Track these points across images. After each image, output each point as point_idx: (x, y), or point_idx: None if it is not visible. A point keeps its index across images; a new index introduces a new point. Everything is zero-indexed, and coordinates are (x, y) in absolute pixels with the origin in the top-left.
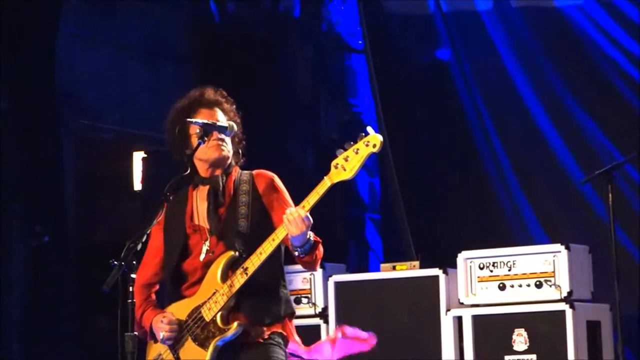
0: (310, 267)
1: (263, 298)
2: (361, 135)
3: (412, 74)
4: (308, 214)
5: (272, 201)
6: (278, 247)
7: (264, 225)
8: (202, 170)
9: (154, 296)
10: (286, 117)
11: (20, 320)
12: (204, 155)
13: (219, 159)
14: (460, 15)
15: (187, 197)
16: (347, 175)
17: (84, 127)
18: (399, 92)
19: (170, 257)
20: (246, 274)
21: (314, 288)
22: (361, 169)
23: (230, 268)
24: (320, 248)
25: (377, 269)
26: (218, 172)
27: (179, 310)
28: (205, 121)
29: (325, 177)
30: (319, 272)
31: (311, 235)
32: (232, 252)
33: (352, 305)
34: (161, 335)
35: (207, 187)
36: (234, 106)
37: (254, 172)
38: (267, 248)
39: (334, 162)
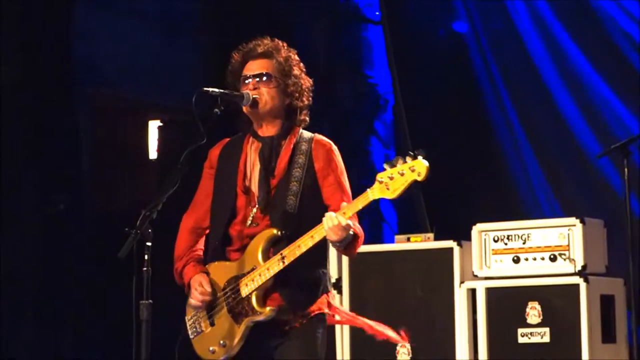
0: (346, 255)
1: (302, 282)
2: (410, 154)
3: (429, 46)
4: (349, 221)
5: (326, 177)
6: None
7: (313, 204)
8: (255, 124)
9: (200, 244)
10: None
11: (36, 287)
12: (245, 110)
13: (254, 114)
14: None
15: (242, 148)
16: (390, 195)
17: (100, 96)
18: (416, 64)
19: (220, 215)
20: (283, 262)
21: (328, 259)
22: (378, 143)
23: (273, 246)
24: (360, 240)
25: (392, 241)
26: (270, 128)
27: (220, 271)
28: (222, 90)
29: (368, 190)
30: None
31: (351, 229)
32: (274, 231)
33: (365, 277)
34: (191, 301)
35: (260, 145)
36: (293, 58)
37: (314, 139)
38: (306, 242)
39: (379, 176)
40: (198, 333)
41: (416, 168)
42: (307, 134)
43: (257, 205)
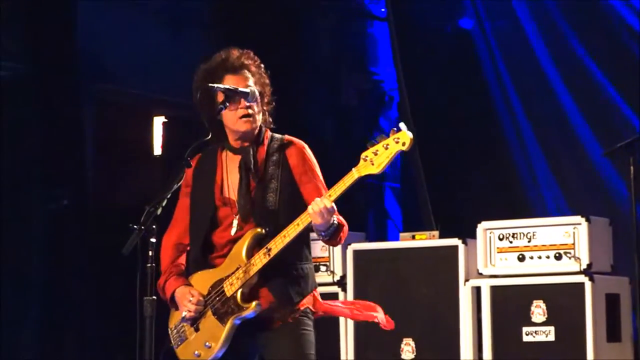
0: (332, 245)
1: (290, 276)
2: (393, 130)
3: (435, 42)
4: (333, 204)
5: (302, 174)
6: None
7: (293, 199)
8: (231, 139)
9: (181, 260)
10: (307, 84)
11: (40, 283)
12: (232, 125)
13: (248, 132)
14: None
15: (216, 162)
16: (375, 170)
17: (105, 91)
18: (421, 60)
19: (198, 227)
20: (269, 254)
21: (332, 256)
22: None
23: (258, 244)
24: (345, 230)
25: (396, 238)
26: (247, 143)
27: (203, 279)
28: (227, 86)
29: (353, 169)
30: None
31: (335, 218)
32: (258, 230)
33: (370, 274)
34: (184, 313)
35: (238, 157)
36: (262, 66)
37: (285, 139)
38: (291, 232)
39: (363, 155)
40: (182, 341)
41: (400, 139)
42: (277, 135)
43: (238, 213)
